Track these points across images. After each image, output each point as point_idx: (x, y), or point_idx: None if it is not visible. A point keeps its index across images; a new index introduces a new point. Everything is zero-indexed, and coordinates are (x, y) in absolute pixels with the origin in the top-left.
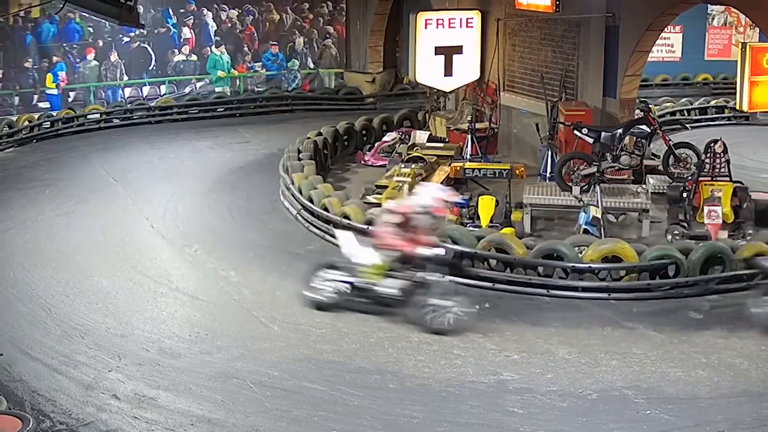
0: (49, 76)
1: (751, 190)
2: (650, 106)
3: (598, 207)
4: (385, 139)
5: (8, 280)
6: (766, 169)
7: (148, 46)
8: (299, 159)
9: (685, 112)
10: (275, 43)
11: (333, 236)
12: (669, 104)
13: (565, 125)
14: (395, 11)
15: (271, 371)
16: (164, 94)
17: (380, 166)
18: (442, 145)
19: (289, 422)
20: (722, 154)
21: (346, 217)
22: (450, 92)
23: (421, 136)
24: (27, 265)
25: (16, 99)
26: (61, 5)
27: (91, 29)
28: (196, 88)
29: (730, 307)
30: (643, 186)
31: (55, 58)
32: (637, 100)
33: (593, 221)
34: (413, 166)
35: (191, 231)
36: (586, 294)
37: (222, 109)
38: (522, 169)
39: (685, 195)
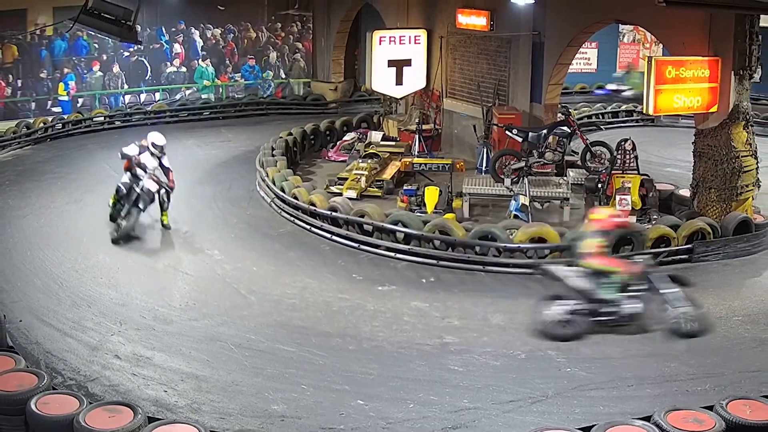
0: (61, 85)
1: (656, 181)
2: (570, 110)
3: (526, 196)
4: (345, 138)
5: (26, 258)
6: (668, 164)
7: (144, 60)
8: (273, 155)
9: (600, 116)
10: (252, 57)
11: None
12: (586, 109)
13: (498, 126)
14: (354, 30)
15: (249, 335)
16: (158, 100)
17: (341, 161)
18: (393, 143)
19: (264, 378)
20: (631, 151)
21: (313, 204)
22: (401, 98)
23: (376, 136)
24: (42, 246)
25: (33, 104)
26: (71, 25)
27: (96, 45)
28: (185, 95)
29: None
30: (564, 178)
31: (65, 70)
32: (559, 105)
33: (522, 208)
34: (369, 161)
35: (181, 216)
36: (516, 270)
37: (207, 113)
38: (462, 163)
39: (599, 186)
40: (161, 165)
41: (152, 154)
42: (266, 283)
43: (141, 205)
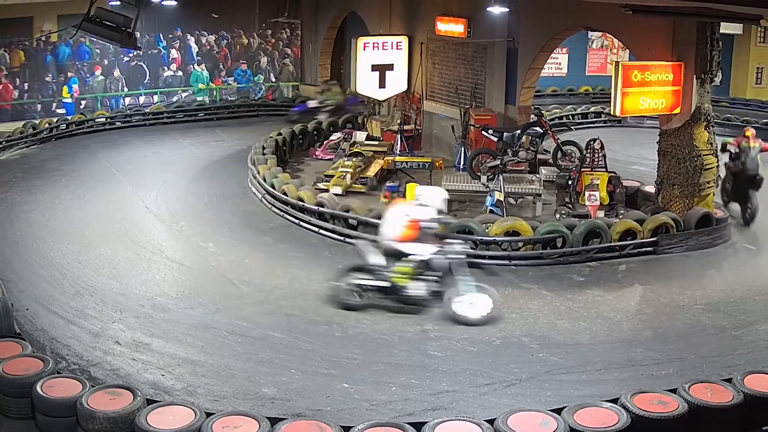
0: (65, 88)
1: (623, 178)
2: (542, 111)
3: (501, 192)
4: (331, 138)
5: (32, 250)
6: (634, 162)
7: (143, 64)
8: (264, 154)
9: (570, 117)
10: (244, 61)
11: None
12: (557, 110)
13: (475, 127)
14: (340, 36)
15: (241, 322)
16: (156, 102)
17: (328, 159)
18: (377, 142)
19: (255, 363)
20: (600, 150)
21: (301, 200)
22: (383, 101)
23: (360, 136)
24: (47, 238)
25: (39, 106)
26: (75, 32)
27: (98, 51)
28: (181, 97)
29: (605, 271)
30: (537, 175)
31: (69, 74)
32: (532, 107)
33: (497, 203)
34: (354, 159)
35: (178, 211)
36: (492, 261)
37: (202, 115)
38: (440, 162)
39: (570, 182)
40: None
41: None
42: (257, 274)
43: None
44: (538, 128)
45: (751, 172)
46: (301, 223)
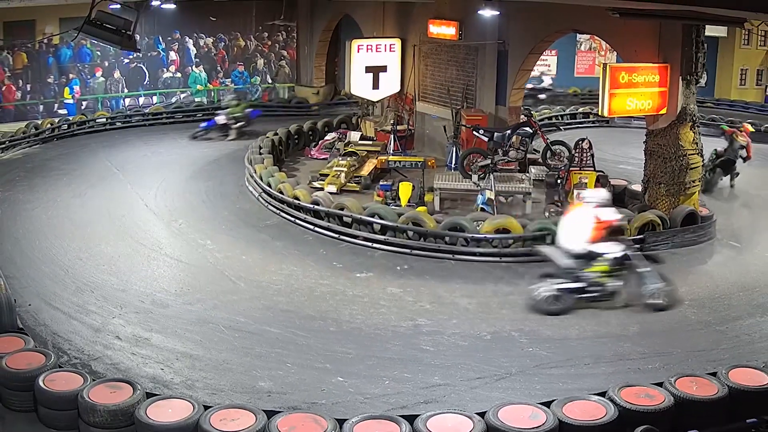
0: (67, 89)
1: (611, 177)
2: (532, 112)
3: (491, 190)
4: (326, 138)
5: (35, 247)
6: (621, 161)
7: (143, 66)
8: (260, 153)
9: (559, 117)
10: (241, 63)
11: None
12: (547, 111)
13: (466, 127)
14: (334, 39)
15: (238, 318)
16: (156, 103)
17: (323, 159)
18: (370, 142)
19: (252, 357)
20: (588, 150)
21: (297, 198)
22: (377, 102)
23: (354, 136)
24: (49, 236)
25: (41, 107)
26: (76, 34)
27: (99, 53)
28: (180, 98)
29: None
30: (527, 174)
31: (71, 75)
32: (522, 108)
33: (488, 202)
34: (348, 158)
35: (176, 209)
36: (483, 258)
37: (200, 115)
38: (433, 161)
39: (559, 181)
40: None
41: None
42: (254, 271)
43: None
44: (527, 128)
45: (729, 158)
46: (297, 220)
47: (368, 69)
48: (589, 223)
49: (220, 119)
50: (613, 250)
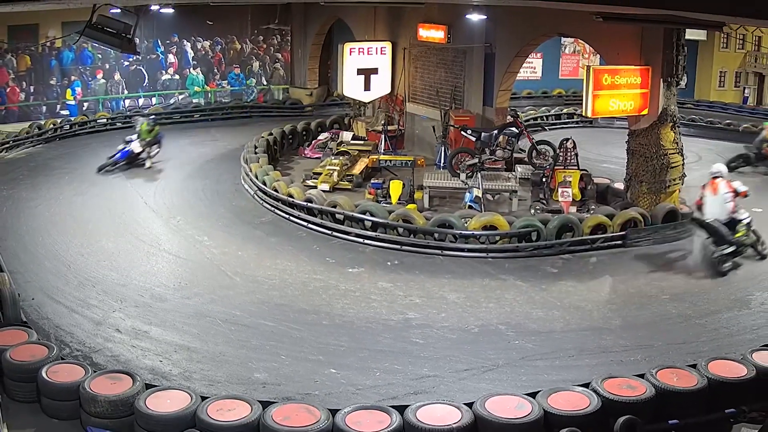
0: (69, 91)
1: (594, 176)
2: (518, 113)
3: (479, 189)
4: (319, 137)
5: (38, 243)
6: (604, 160)
7: (142, 68)
8: (255, 153)
9: (544, 118)
10: (237, 66)
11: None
12: (532, 111)
13: (454, 127)
14: (327, 42)
15: (234, 311)
16: (154, 104)
17: (316, 158)
18: (362, 142)
19: (248, 350)
20: (572, 149)
21: (291, 196)
22: (368, 103)
23: (346, 136)
24: (52, 232)
25: (44, 108)
26: (78, 38)
27: (100, 56)
28: (178, 99)
29: (577, 263)
30: (513, 173)
31: (73, 77)
32: (508, 109)
33: (476, 199)
34: (341, 158)
35: (175, 207)
36: (471, 254)
37: (198, 116)
38: (422, 160)
39: (544, 180)
40: None
41: None
42: (250, 266)
43: None
44: (514, 128)
45: (752, 150)
46: (291, 217)
47: (360, 71)
48: (729, 194)
49: (135, 147)
50: (746, 215)
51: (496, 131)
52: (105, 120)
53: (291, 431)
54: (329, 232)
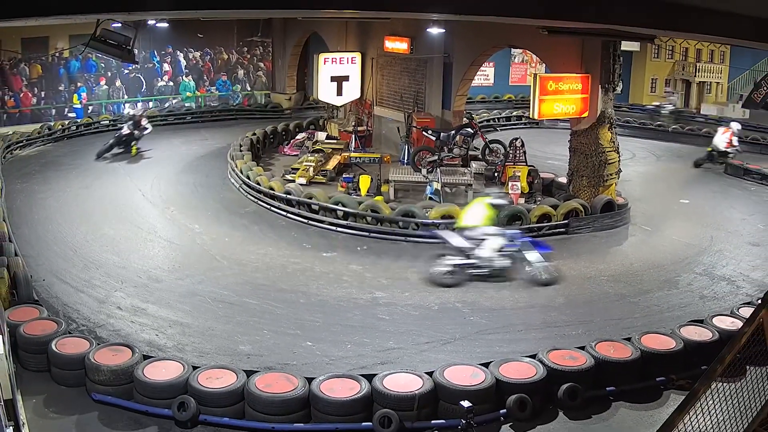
0: (75, 96)
1: (540, 171)
2: (473, 115)
3: (438, 182)
4: (297, 137)
5: (48, 231)
6: (549, 157)
7: (140, 76)
8: (241, 150)
9: (496, 119)
10: (224, 73)
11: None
12: (485, 114)
13: (417, 128)
14: (304, 52)
15: (222, 291)
16: (151, 108)
17: (294, 155)
18: (335, 141)
19: (234, 325)
20: (521, 148)
21: (272, 189)
22: (340, 106)
23: (321, 135)
24: (60, 221)
25: (53, 111)
26: (83, 49)
27: (103, 65)
28: (172, 103)
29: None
30: (469, 169)
31: (79, 84)
32: (465, 112)
33: (435, 192)
34: (316, 155)
35: (169, 198)
36: (431, 240)
37: (189, 118)
38: (388, 157)
39: (496, 174)
40: None
41: None
42: (235, 250)
43: None
44: (469, 129)
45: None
46: (272, 208)
47: (333, 78)
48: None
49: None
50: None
51: (453, 131)
52: (107, 122)
53: (272, 397)
54: (306, 220)
